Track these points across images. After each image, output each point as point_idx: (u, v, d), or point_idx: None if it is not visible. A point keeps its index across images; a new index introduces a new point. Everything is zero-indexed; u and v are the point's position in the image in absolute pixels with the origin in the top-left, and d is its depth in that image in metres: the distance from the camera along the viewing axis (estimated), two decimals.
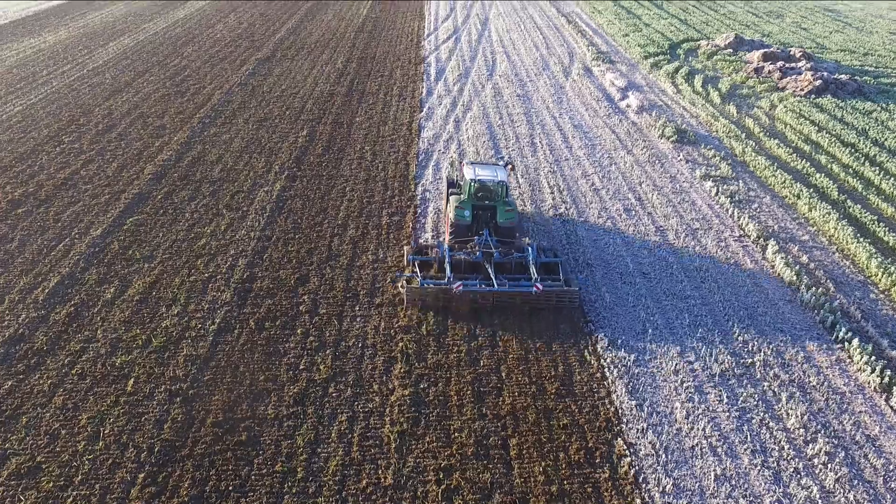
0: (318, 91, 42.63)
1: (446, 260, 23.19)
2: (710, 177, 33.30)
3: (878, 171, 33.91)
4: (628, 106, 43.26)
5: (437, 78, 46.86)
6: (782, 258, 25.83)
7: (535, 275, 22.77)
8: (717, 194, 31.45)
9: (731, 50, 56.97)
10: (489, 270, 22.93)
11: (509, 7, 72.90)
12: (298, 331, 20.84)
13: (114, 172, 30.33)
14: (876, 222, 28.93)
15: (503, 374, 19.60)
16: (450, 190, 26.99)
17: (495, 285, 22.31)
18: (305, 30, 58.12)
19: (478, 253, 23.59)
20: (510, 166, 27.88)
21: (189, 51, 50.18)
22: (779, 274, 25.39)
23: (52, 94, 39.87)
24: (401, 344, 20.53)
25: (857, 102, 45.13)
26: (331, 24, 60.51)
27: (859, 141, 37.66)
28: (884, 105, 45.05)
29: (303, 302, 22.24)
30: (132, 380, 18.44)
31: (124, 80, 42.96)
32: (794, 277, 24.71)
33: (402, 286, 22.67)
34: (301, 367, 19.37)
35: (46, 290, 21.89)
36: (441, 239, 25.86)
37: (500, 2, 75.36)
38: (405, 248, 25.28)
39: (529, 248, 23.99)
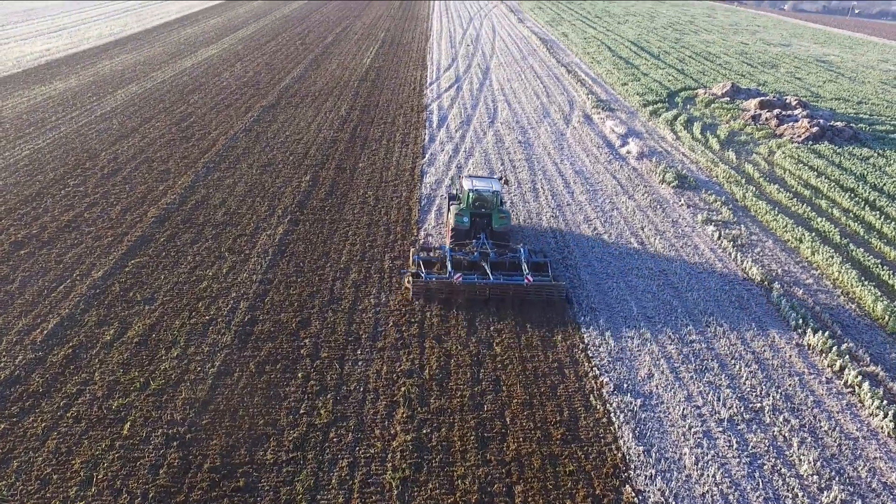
0: (322, 137, 43.16)
1: (447, 258, 26.06)
2: (711, 221, 33.40)
3: (878, 216, 34.03)
4: (629, 152, 43.76)
5: (440, 125, 47.54)
6: (787, 302, 25.65)
7: (527, 270, 25.57)
8: (719, 238, 31.47)
9: (728, 98, 58.03)
10: (486, 267, 25.84)
11: (510, 57, 74.61)
12: (299, 374, 20.51)
13: (117, 215, 30.43)
14: (880, 266, 28.87)
15: (507, 419, 19.19)
16: (450, 202, 30.15)
17: (491, 279, 25.12)
18: (310, 78, 59.28)
19: (475, 253, 26.58)
20: (503, 180, 31.01)
21: (195, 98, 51.07)
22: (784, 318, 25.15)
23: (60, 138, 40.39)
24: (403, 388, 20.17)
25: (853, 149, 45.68)
26: (335, 73, 61.77)
27: (858, 186, 37.93)
28: (880, 151, 45.57)
29: (304, 345, 21.96)
30: (128, 423, 18.04)
31: (131, 125, 43.58)
32: (800, 321, 24.48)
33: (408, 281, 25.20)
34: (301, 411, 18.98)
35: (45, 332, 21.64)
36: (443, 242, 28.77)
37: (502, 53, 77.20)
38: (411, 249, 27.77)
39: (521, 250, 26.94)
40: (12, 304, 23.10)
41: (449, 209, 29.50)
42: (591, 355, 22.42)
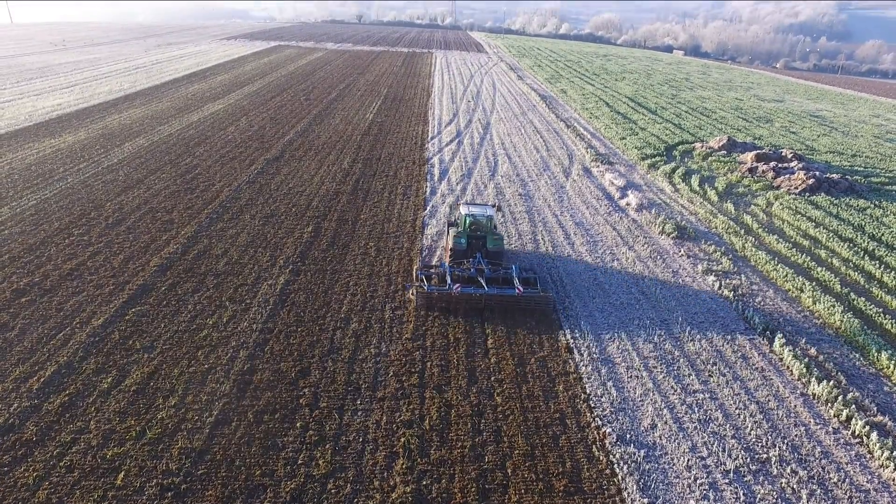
0: (325, 189, 43.74)
1: (447, 273, 29.17)
2: (712, 271, 33.47)
3: (878, 265, 34.12)
4: (628, 204, 44.22)
5: (441, 178, 48.21)
6: (790, 351, 25.47)
7: (517, 283, 28.61)
8: (720, 288, 31.48)
9: (724, 151, 59.01)
10: (481, 281, 28.76)
11: (510, 113, 76.27)
12: (298, 424, 20.22)
13: (120, 264, 30.60)
14: (882, 314, 28.77)
15: (509, 471, 18.81)
16: (448, 227, 33.46)
17: (486, 289, 28.11)
18: (313, 132, 60.50)
19: (471, 270, 29.58)
20: (496, 207, 34.56)
21: (201, 150, 52.03)
22: (788, 367, 24.93)
23: (67, 189, 40.99)
24: (403, 439, 19.85)
25: (850, 200, 46.17)
26: (338, 128, 63.07)
27: (856, 236, 38.18)
28: (877, 202, 46.04)
29: (303, 395, 21.73)
30: (123, 473, 17.68)
31: (137, 177, 44.27)
32: (804, 370, 24.25)
33: (412, 293, 28.10)
34: (299, 461, 18.63)
35: (42, 380, 21.46)
36: (443, 260, 32.20)
37: (502, 109, 78.96)
38: (414, 267, 31.06)
39: (513, 267, 30.23)
40: (10, 352, 22.99)
41: (448, 233, 32.83)
42: (593, 405, 22.12)
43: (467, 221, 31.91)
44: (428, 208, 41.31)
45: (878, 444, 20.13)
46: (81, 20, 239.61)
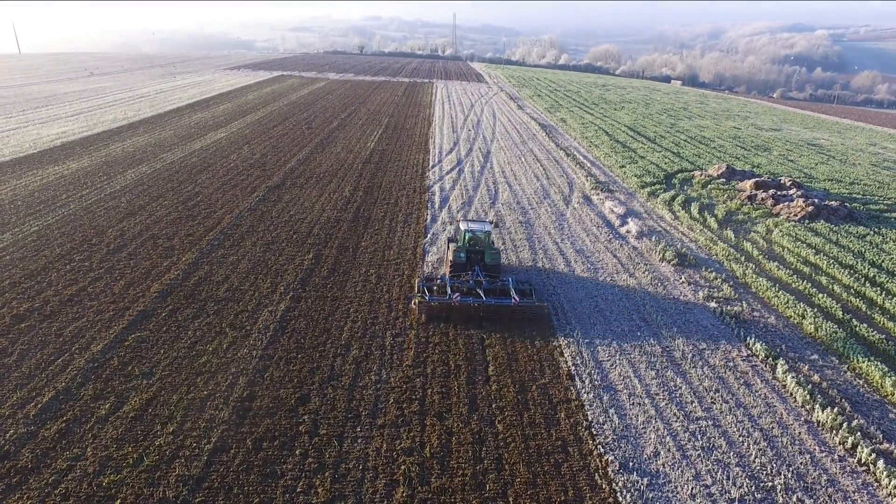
0: (326, 217, 43.89)
1: (448, 285, 30.84)
2: (713, 298, 33.42)
3: (880, 292, 34.07)
4: (628, 231, 44.33)
5: (442, 205, 48.40)
6: (793, 377, 25.30)
7: (514, 294, 30.29)
8: (721, 314, 31.39)
9: (723, 179, 59.34)
10: (479, 292, 30.33)
11: (510, 142, 76.91)
12: (297, 451, 20.00)
13: (120, 290, 30.58)
14: (885, 341, 28.64)
15: (510, 499, 18.56)
16: (449, 243, 35.61)
17: (483, 300, 29.65)
18: (315, 160, 60.94)
19: (470, 282, 31.12)
20: (494, 224, 37.19)
21: (203, 178, 52.36)
22: (791, 393, 24.74)
23: (69, 215, 41.16)
24: (403, 466, 19.62)
25: (849, 227, 46.29)
26: (339, 156, 63.54)
27: (857, 263, 38.19)
28: (876, 229, 46.15)
29: (302, 422, 21.54)
30: (119, 501, 17.44)
31: (139, 203, 44.49)
32: (808, 397, 24.06)
33: (414, 303, 29.70)
34: (298, 489, 18.39)
35: (39, 406, 21.29)
36: (443, 273, 33.91)
37: (502, 138, 79.64)
38: (416, 279, 33.06)
39: (510, 279, 31.96)
40: (8, 378, 22.85)
41: (448, 248, 34.81)
42: (595, 433, 21.90)
43: (466, 237, 34.13)
44: (429, 235, 41.40)
45: (885, 473, 19.89)
46: (88, 50, 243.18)
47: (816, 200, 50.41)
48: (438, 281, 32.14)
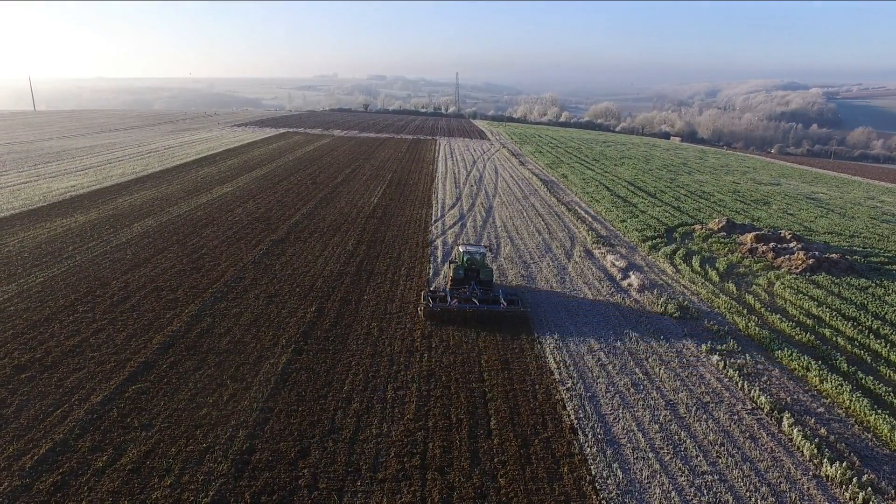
0: (329, 270, 44.15)
1: (448, 295, 37.24)
2: (716, 351, 33.25)
3: (884, 343, 33.88)
4: (630, 285, 44.43)
5: (444, 259, 48.69)
6: (799, 431, 24.95)
7: (503, 301, 36.90)
8: (724, 368, 31.19)
9: (724, 233, 59.75)
10: (475, 301, 36.68)
11: (512, 197, 77.91)
12: None
13: (122, 341, 30.60)
14: (892, 393, 28.33)
15: None
16: (450, 263, 42.52)
17: (478, 305, 36.19)
18: (319, 215, 61.70)
19: (467, 293, 37.60)
20: (489, 247, 44.33)
21: (208, 231, 52.97)
22: (798, 448, 24.35)
23: (74, 267, 41.53)
24: None
25: (851, 279, 46.34)
26: (343, 210, 64.35)
27: (860, 315, 38.11)
28: (878, 281, 46.19)
29: (302, 476, 21.22)
30: None
31: (144, 256, 44.90)
32: (815, 451, 23.68)
33: (420, 310, 36.30)
34: None
35: (35, 458, 21.05)
36: (446, 286, 40.41)
37: (504, 193, 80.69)
38: (422, 292, 39.30)
39: (500, 291, 38.53)
40: (6, 428, 22.67)
41: (449, 267, 41.92)
42: (598, 488, 21.51)
43: (464, 258, 40.62)
44: (431, 287, 41.51)
45: None
46: (99, 108, 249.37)
47: (817, 253, 50.64)
48: (441, 293, 38.32)
